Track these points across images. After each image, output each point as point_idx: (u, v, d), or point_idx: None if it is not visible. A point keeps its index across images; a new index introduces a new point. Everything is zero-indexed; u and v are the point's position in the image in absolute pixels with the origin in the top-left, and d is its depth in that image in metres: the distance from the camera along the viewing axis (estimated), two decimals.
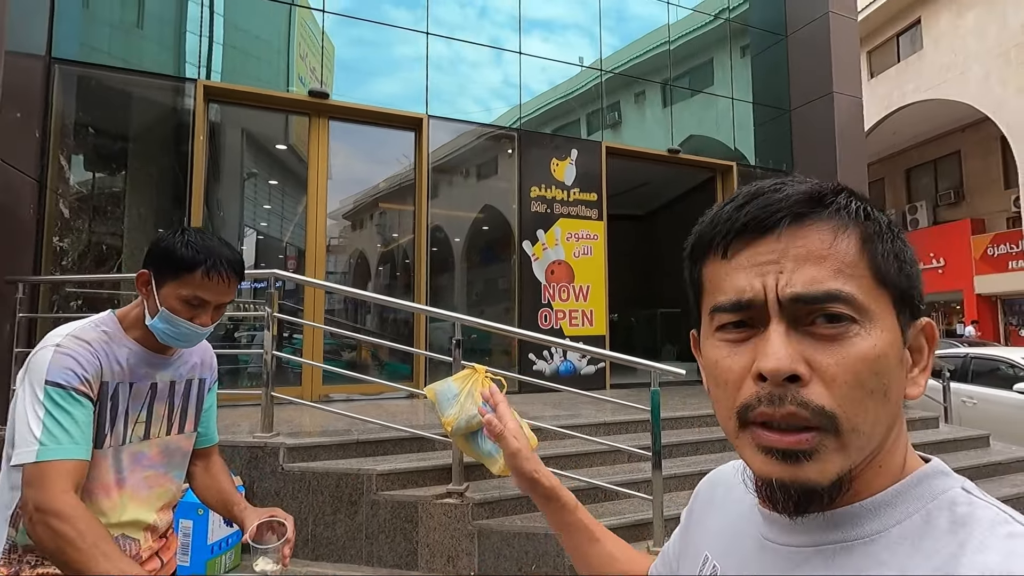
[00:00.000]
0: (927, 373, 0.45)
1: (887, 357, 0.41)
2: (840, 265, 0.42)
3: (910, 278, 0.45)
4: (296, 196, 5.65)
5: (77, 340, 1.12)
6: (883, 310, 0.43)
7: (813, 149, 7.28)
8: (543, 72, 6.41)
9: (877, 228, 0.44)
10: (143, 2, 4.90)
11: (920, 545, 0.40)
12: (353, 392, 5.25)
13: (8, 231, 3.68)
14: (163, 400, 1.25)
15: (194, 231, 1.19)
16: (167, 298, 1.15)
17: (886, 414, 0.42)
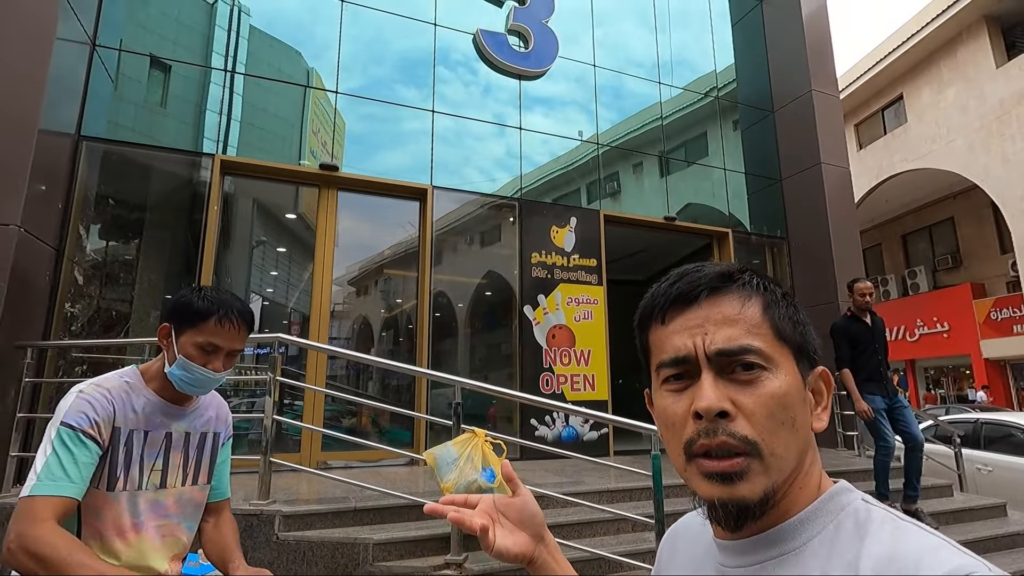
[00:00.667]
0: (827, 411, 0.58)
1: (790, 395, 0.54)
2: (749, 326, 0.55)
3: (803, 335, 0.58)
4: (302, 263, 5.80)
5: (98, 387, 1.23)
6: (785, 359, 0.55)
7: (806, 216, 7.49)
8: (543, 145, 6.74)
9: (774, 298, 0.58)
10: (168, 83, 5.27)
11: (834, 548, 0.51)
12: (352, 459, 5.17)
13: (23, 298, 3.79)
14: (179, 450, 1.33)
15: (209, 288, 1.33)
16: (184, 346, 1.26)
17: (795, 440, 0.53)
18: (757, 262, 7.74)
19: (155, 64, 5.21)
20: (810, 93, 7.60)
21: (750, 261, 7.68)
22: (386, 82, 6.13)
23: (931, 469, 5.88)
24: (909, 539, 0.48)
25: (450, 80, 6.44)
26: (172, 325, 1.29)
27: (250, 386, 5.65)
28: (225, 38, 5.53)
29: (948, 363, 17.14)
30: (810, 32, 7.85)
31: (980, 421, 6.52)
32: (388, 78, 6.17)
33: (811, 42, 7.81)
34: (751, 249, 7.68)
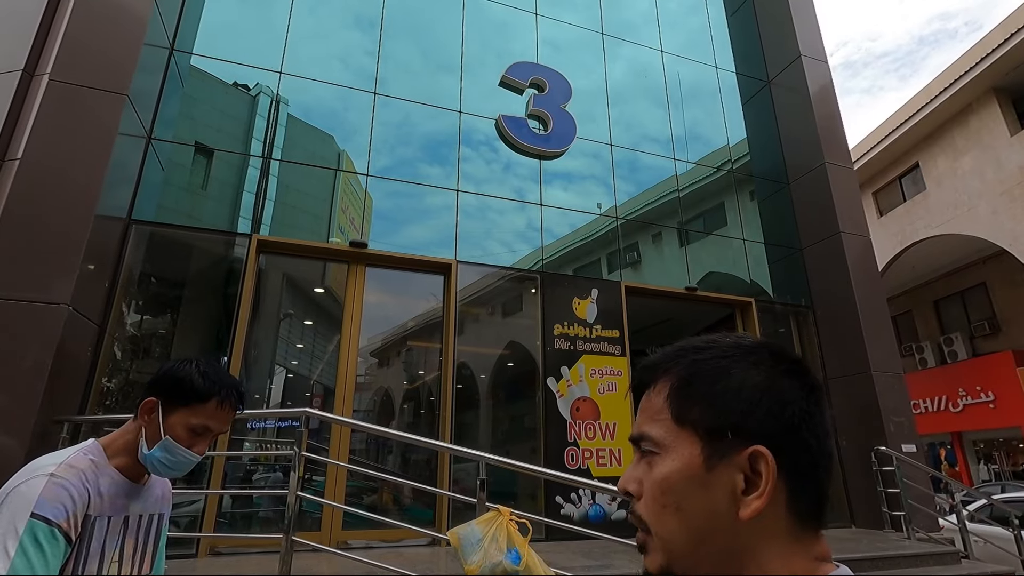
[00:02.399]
0: (763, 499, 0.50)
1: (671, 480, 0.54)
2: (652, 413, 0.58)
3: (719, 415, 0.53)
4: (328, 335, 5.93)
5: (73, 469, 1.07)
6: (680, 443, 0.55)
7: (829, 285, 7.44)
8: (563, 217, 6.94)
9: (682, 382, 0.57)
10: (210, 168, 5.66)
11: None
12: (373, 538, 5.02)
13: (65, 373, 3.94)
14: (132, 536, 1.19)
15: (204, 362, 1.20)
16: (173, 426, 1.14)
17: (682, 524, 0.53)
18: (783, 331, 7.63)
19: (200, 151, 5.64)
20: (823, 166, 7.76)
21: (776, 331, 7.58)
22: (412, 162, 6.49)
23: (989, 554, 5.45)
24: None
25: (472, 159, 6.78)
26: (160, 401, 1.16)
27: (270, 461, 5.62)
28: (264, 126, 5.97)
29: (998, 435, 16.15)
30: (819, 108, 8.13)
31: None
32: (414, 158, 6.53)
33: (820, 118, 8.07)
34: (776, 318, 7.60)
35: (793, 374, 0.55)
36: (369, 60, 6.59)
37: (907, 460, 5.98)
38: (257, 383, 5.77)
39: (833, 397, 7.11)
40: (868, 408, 6.66)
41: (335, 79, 6.38)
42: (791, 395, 0.54)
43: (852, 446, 6.73)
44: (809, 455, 0.53)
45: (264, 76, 6.03)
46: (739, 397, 0.53)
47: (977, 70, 13.70)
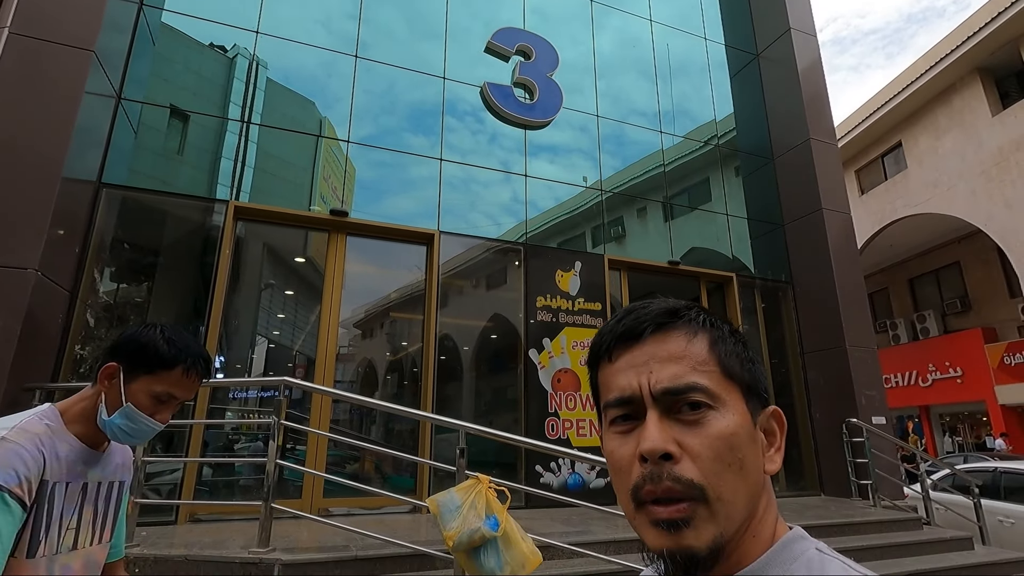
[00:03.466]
0: (781, 452, 0.55)
1: (739, 435, 0.51)
2: (695, 363, 0.53)
3: (752, 373, 0.56)
4: (309, 306, 5.86)
5: (27, 433, 1.03)
6: (733, 398, 0.53)
7: (809, 261, 7.54)
8: (549, 190, 6.88)
9: (720, 334, 0.56)
10: (186, 133, 5.47)
11: None
12: (354, 506, 5.07)
13: (35, 340, 3.85)
14: (91, 503, 1.15)
15: (169, 327, 1.16)
16: (136, 393, 1.11)
17: (744, 483, 0.51)
18: (763, 306, 7.74)
19: (175, 114, 5.44)
20: (808, 142, 7.78)
21: (755, 305, 7.68)
22: (396, 131, 6.35)
23: (950, 520, 5.69)
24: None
25: (457, 129, 6.65)
26: (121, 367, 1.12)
27: (251, 428, 5.61)
28: (243, 90, 5.77)
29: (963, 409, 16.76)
30: (806, 84, 8.11)
31: (999, 470, 6.34)
32: (397, 127, 6.39)
33: (807, 94, 8.05)
34: (755, 293, 7.70)
35: None
36: (351, 24, 6.38)
37: (876, 432, 6.18)
38: (238, 353, 5.71)
39: (808, 371, 7.27)
40: (841, 382, 6.83)
41: (316, 42, 6.17)
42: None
43: (825, 418, 6.92)
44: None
45: (241, 36, 5.80)
46: (756, 360, 0.57)
47: (962, 50, 13.74)
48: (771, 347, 7.64)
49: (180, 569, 3.08)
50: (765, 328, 7.67)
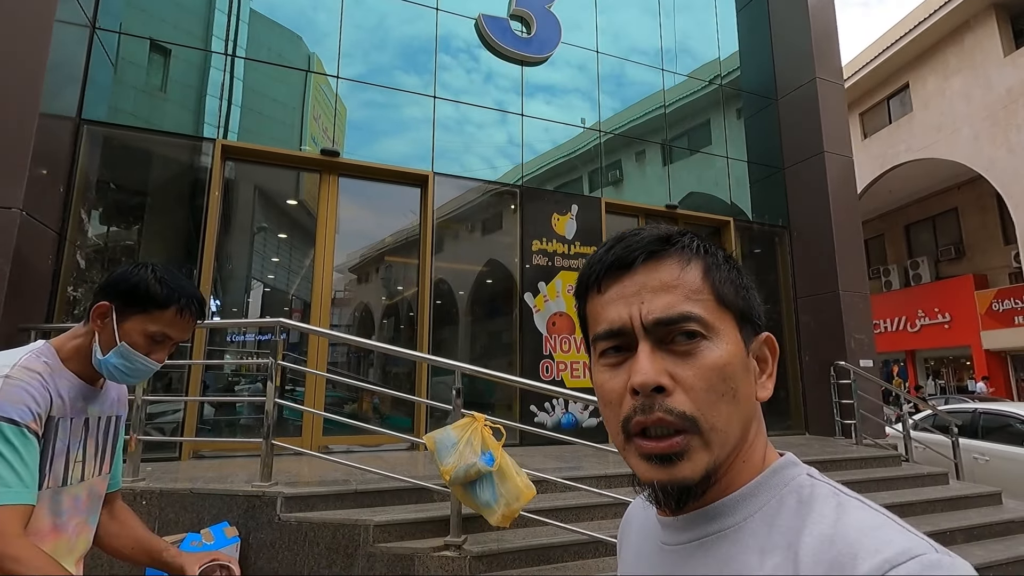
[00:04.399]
0: (773, 379, 0.55)
1: (732, 364, 0.51)
2: (688, 292, 0.51)
3: (747, 300, 0.55)
4: (304, 250, 5.81)
5: (29, 371, 1.05)
6: (727, 327, 0.52)
7: (808, 205, 7.47)
8: (545, 132, 6.70)
9: (715, 261, 0.54)
10: (168, 69, 5.24)
11: (774, 526, 0.49)
12: (353, 443, 5.22)
13: (27, 281, 3.82)
14: (93, 437, 1.18)
15: (161, 268, 1.15)
16: (130, 333, 1.11)
17: (738, 412, 0.51)
18: (759, 251, 7.74)
19: (155, 48, 5.18)
20: (814, 81, 7.54)
21: (752, 250, 7.67)
22: (387, 69, 6.10)
23: (928, 458, 5.92)
24: (851, 518, 0.46)
25: (452, 67, 6.40)
26: (114, 305, 1.12)
27: (251, 371, 5.68)
28: (225, 22, 5.49)
29: (948, 354, 17.15)
30: (815, 19, 7.77)
31: (979, 411, 6.54)
32: (389, 64, 6.13)
33: (816, 30, 7.74)
34: (753, 238, 7.67)
35: None
36: None
37: (863, 374, 6.32)
38: (234, 297, 5.71)
39: (800, 315, 7.36)
40: (832, 326, 6.93)
41: None
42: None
43: (813, 360, 7.06)
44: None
45: None
46: (750, 287, 0.56)
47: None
48: (765, 292, 7.69)
49: (186, 501, 3.19)
50: (760, 273, 7.70)
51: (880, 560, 0.41)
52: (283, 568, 3.06)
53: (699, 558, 0.51)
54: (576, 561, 3.19)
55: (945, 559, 0.41)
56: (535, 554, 3.14)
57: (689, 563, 0.52)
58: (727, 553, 0.49)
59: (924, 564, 0.40)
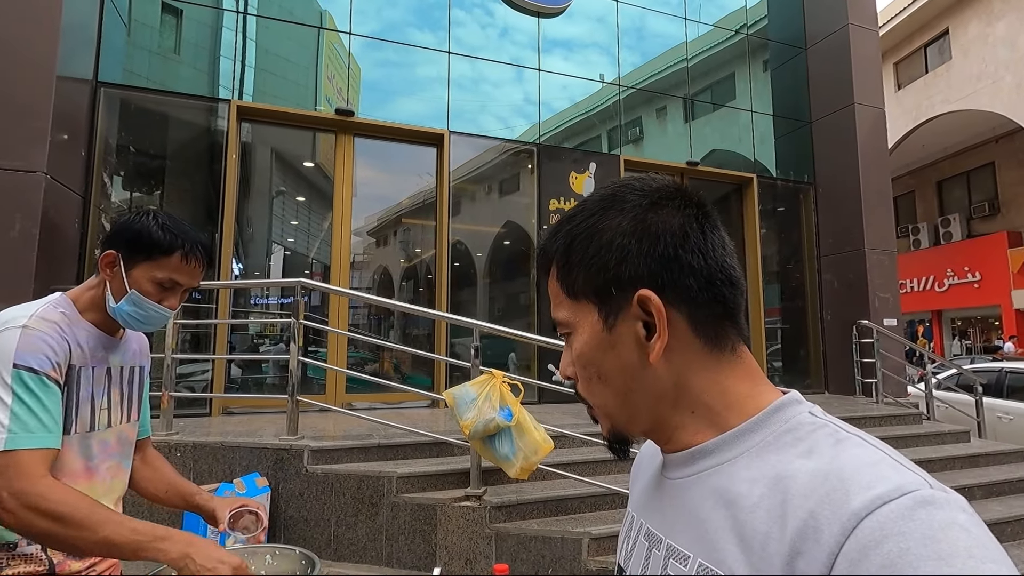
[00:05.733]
0: (662, 337, 0.51)
1: (585, 352, 0.56)
2: (554, 299, 0.59)
3: (604, 275, 0.53)
4: (322, 213, 5.84)
5: (46, 321, 1.07)
6: (583, 316, 0.56)
7: (834, 160, 7.23)
8: (563, 90, 6.53)
9: (563, 260, 0.57)
10: (180, 30, 5.19)
11: (767, 460, 0.49)
12: (376, 401, 5.35)
13: (55, 244, 3.91)
14: (117, 386, 1.22)
15: (164, 214, 1.15)
16: (138, 280, 1.12)
17: (609, 389, 0.56)
18: (783, 208, 7.56)
19: (166, 9, 5.13)
20: (846, 28, 7.17)
21: (775, 208, 7.50)
22: (400, 25, 5.96)
23: (950, 417, 5.87)
24: (848, 454, 0.45)
25: (466, 22, 6.22)
26: (120, 254, 1.12)
27: (275, 331, 5.81)
28: None
29: (977, 314, 16.75)
30: None
31: (1005, 370, 6.43)
32: (402, 21, 5.99)
33: None
34: (776, 195, 7.48)
35: (662, 203, 0.54)
36: None
37: (886, 333, 6.23)
38: (256, 260, 5.79)
39: (823, 274, 7.23)
40: (856, 284, 6.80)
41: None
42: (662, 226, 0.52)
43: (836, 319, 6.97)
44: (698, 276, 0.52)
45: None
46: (611, 249, 0.53)
47: None
48: (788, 249, 7.55)
49: (218, 454, 3.33)
50: (782, 230, 7.54)
51: (872, 496, 0.41)
52: (312, 516, 3.20)
53: (695, 490, 0.53)
54: (593, 512, 3.27)
55: (939, 495, 0.41)
56: (553, 505, 3.22)
57: (686, 494, 0.54)
58: (720, 485, 0.51)
59: (916, 499, 0.40)
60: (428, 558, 3.06)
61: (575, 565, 2.93)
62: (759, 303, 6.96)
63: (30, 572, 1.06)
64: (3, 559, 1.04)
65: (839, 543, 0.40)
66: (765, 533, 0.44)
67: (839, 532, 0.40)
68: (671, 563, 0.53)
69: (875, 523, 0.39)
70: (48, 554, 1.08)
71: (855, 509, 0.40)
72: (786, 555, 0.42)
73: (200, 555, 0.92)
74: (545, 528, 3.02)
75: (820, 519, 0.42)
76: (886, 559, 0.37)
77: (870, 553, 0.38)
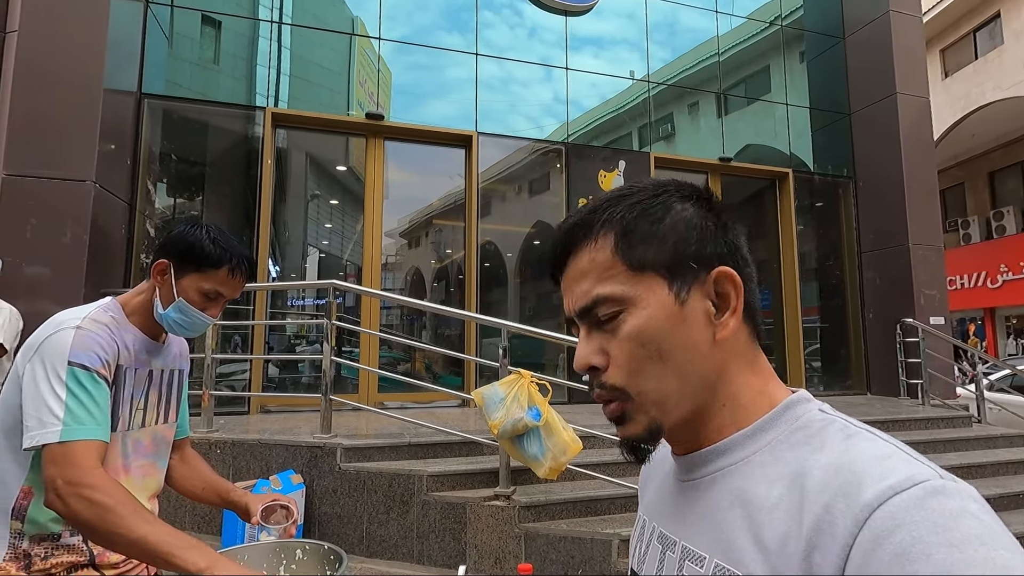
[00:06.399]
0: (736, 314, 0.53)
1: (649, 329, 0.52)
2: (599, 273, 0.53)
3: (676, 247, 0.53)
4: (355, 215, 5.95)
5: (97, 323, 1.13)
6: (647, 289, 0.53)
7: (876, 153, 6.96)
8: (592, 88, 6.49)
9: (624, 228, 0.54)
10: (219, 41, 5.38)
11: (781, 458, 0.50)
12: (407, 400, 5.43)
13: (104, 249, 4.11)
14: (156, 388, 1.27)
15: (215, 227, 1.21)
16: (186, 289, 1.17)
17: (668, 370, 0.52)
18: (820, 204, 7.33)
19: (206, 20, 5.32)
20: (887, 15, 6.91)
21: (812, 203, 7.28)
22: (430, 29, 6.04)
23: (1003, 420, 5.59)
24: (859, 448, 0.46)
25: (495, 24, 6.26)
26: (171, 263, 1.19)
27: (310, 331, 5.95)
28: None
29: None
30: None
31: None
32: (432, 24, 6.06)
33: None
34: (813, 190, 7.26)
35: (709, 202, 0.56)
36: None
37: (933, 332, 5.97)
38: (292, 263, 5.95)
39: (864, 271, 6.98)
40: (900, 281, 6.54)
41: None
42: (726, 217, 0.56)
43: (878, 318, 6.72)
44: (748, 271, 0.55)
45: None
46: (691, 226, 0.54)
47: None
48: (826, 246, 7.32)
49: (256, 451, 3.43)
50: (820, 227, 7.31)
51: (884, 487, 0.41)
52: (345, 512, 3.26)
53: (711, 491, 0.53)
54: (623, 513, 3.24)
55: (950, 484, 0.41)
56: (582, 506, 3.21)
57: (703, 496, 0.54)
58: (736, 485, 0.51)
59: (927, 489, 0.40)
60: (458, 556, 3.09)
61: (604, 566, 2.91)
62: (796, 302, 6.76)
63: (72, 562, 1.11)
64: (47, 549, 1.10)
65: (853, 535, 0.40)
66: (784, 533, 0.45)
67: (853, 524, 0.41)
68: (687, 564, 0.53)
69: (887, 513, 0.40)
70: (89, 545, 1.13)
71: (867, 500, 0.41)
72: (803, 551, 0.43)
73: (223, 570, 0.95)
74: (574, 528, 3.01)
75: (834, 512, 0.42)
76: (899, 548, 0.38)
77: (883, 542, 0.39)
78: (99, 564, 1.14)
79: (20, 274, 3.68)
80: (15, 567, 1.06)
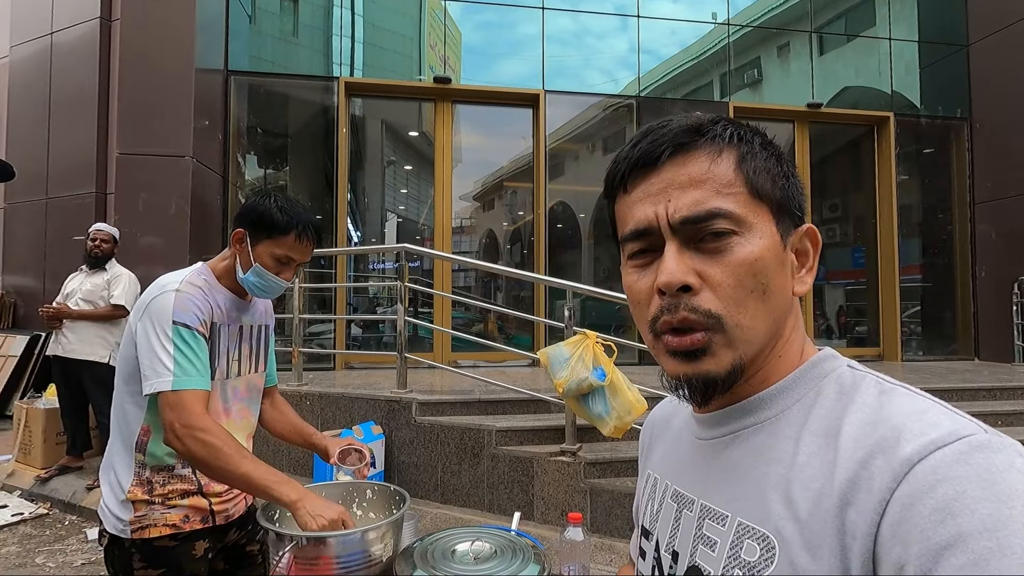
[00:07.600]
0: (813, 272, 0.53)
1: (764, 259, 0.48)
2: (718, 186, 0.49)
3: (785, 190, 0.51)
4: (429, 180, 6.09)
5: (193, 286, 1.28)
6: (761, 220, 0.49)
7: (999, 90, 6.12)
8: (670, 35, 6.13)
9: (751, 148, 0.50)
10: (298, 14, 5.58)
11: (812, 414, 0.48)
12: (479, 359, 5.61)
13: (203, 218, 4.51)
14: (247, 341, 1.43)
15: (283, 197, 1.34)
16: (261, 255, 1.31)
17: (767, 308, 0.49)
18: (928, 150, 6.61)
19: None
20: None
21: (918, 149, 6.57)
22: None
23: None
24: (895, 403, 0.44)
25: None
26: (247, 232, 1.32)
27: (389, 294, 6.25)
28: None
29: None
30: None
31: None
32: None
33: None
34: (919, 135, 6.53)
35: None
36: None
37: None
38: (372, 228, 6.20)
39: (977, 224, 6.28)
40: (1021, 235, 5.83)
41: None
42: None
43: (992, 276, 6.06)
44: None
45: None
46: (795, 176, 0.53)
47: None
48: (932, 197, 6.62)
49: (340, 403, 3.72)
50: (926, 176, 6.60)
51: (925, 441, 0.39)
52: (420, 462, 3.49)
53: (734, 449, 0.52)
54: None
55: (995, 439, 0.39)
56: None
57: (724, 454, 0.53)
58: (763, 443, 0.50)
59: (972, 444, 0.39)
60: (526, 506, 3.23)
61: None
62: (893, 259, 6.21)
63: (184, 489, 1.31)
64: (165, 477, 1.30)
65: (891, 489, 0.39)
66: (818, 490, 0.44)
67: (891, 479, 0.39)
68: (707, 523, 0.52)
69: (928, 467, 0.38)
70: (197, 476, 1.33)
71: (907, 455, 0.39)
72: (836, 508, 0.42)
73: (310, 504, 1.10)
74: None
75: (871, 468, 0.41)
76: (940, 502, 0.36)
77: (923, 497, 0.37)
78: (206, 492, 1.34)
79: (136, 243, 4.14)
80: (140, 491, 1.27)
